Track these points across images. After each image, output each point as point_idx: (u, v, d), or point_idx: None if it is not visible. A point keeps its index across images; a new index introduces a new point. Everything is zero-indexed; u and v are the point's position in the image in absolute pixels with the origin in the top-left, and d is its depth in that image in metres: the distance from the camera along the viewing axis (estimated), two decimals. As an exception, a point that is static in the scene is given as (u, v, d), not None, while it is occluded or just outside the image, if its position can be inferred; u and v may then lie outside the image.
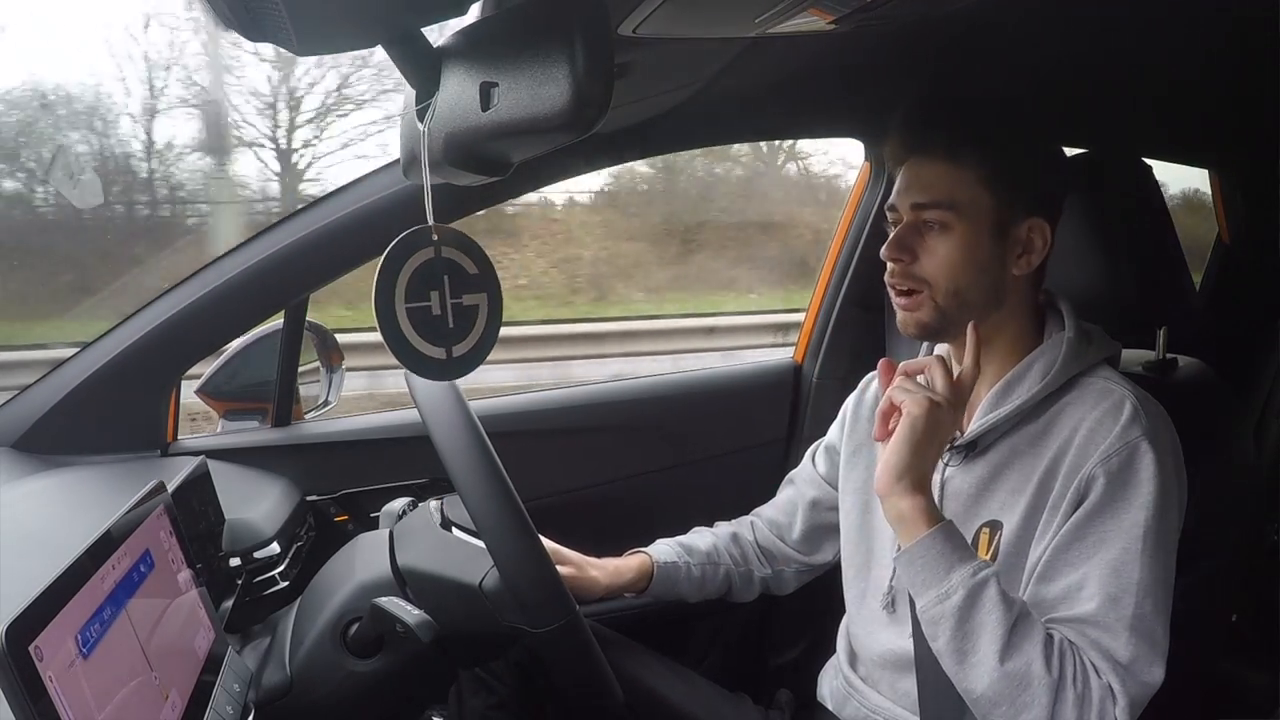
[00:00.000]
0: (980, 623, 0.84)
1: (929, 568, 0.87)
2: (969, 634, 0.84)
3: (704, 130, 1.36)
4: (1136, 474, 0.88)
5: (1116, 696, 0.84)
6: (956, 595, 0.85)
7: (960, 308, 0.96)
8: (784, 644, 1.61)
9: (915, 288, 0.97)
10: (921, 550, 0.87)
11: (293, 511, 1.26)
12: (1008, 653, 0.83)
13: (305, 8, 0.51)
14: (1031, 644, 0.84)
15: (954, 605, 0.85)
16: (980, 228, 0.95)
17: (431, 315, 0.67)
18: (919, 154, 0.98)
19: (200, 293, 1.27)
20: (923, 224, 0.96)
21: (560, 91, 0.51)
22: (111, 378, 1.26)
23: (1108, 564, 0.87)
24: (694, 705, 1.17)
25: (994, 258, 0.96)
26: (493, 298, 0.71)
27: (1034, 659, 0.83)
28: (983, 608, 0.84)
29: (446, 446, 0.92)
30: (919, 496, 0.88)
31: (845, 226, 1.68)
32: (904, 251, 0.96)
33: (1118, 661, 0.85)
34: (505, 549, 0.90)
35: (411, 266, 0.66)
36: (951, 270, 0.95)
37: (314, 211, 1.29)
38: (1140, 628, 0.86)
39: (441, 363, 0.68)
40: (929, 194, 0.95)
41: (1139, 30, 1.05)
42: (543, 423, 1.54)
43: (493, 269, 0.71)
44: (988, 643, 0.84)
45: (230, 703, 0.82)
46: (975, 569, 0.86)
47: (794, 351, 1.76)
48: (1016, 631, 0.84)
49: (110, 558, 0.70)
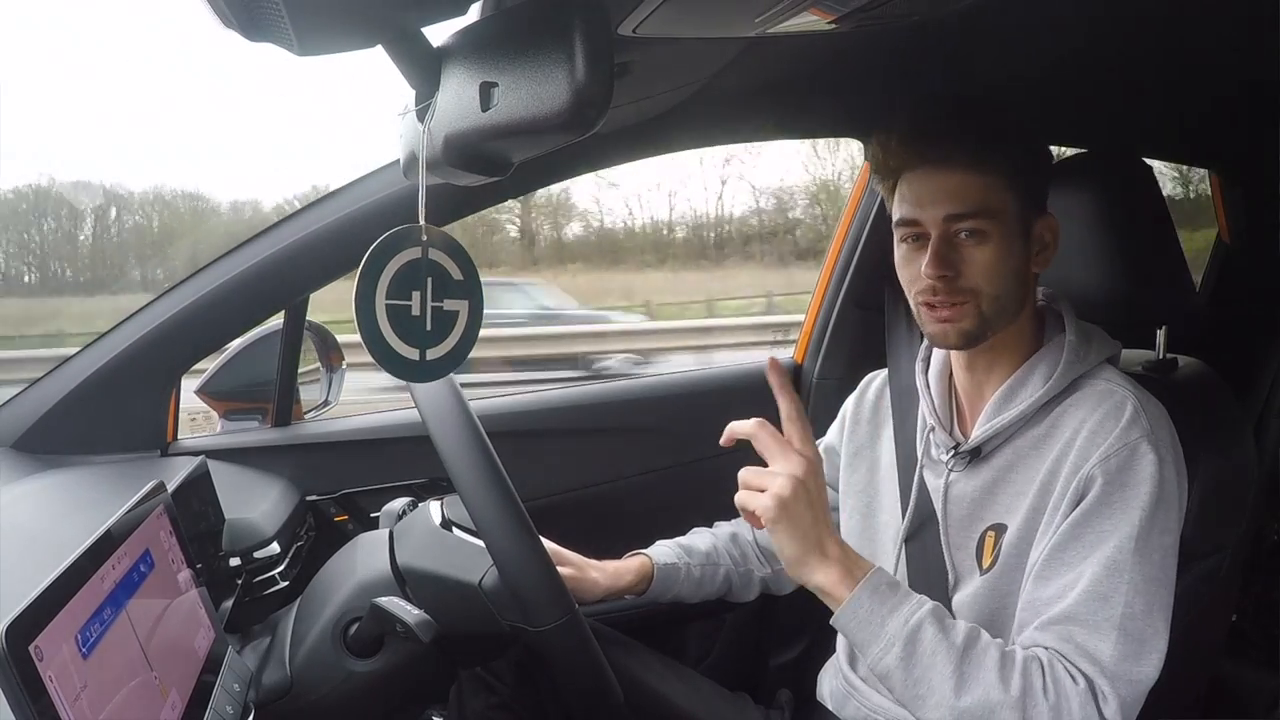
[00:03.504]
0: (926, 665, 0.84)
1: (862, 628, 0.86)
2: (919, 680, 0.84)
3: (704, 130, 1.36)
4: (1136, 474, 0.88)
5: (1106, 697, 0.84)
6: (895, 648, 0.84)
7: (999, 314, 0.95)
8: (784, 644, 1.61)
9: (961, 300, 0.94)
10: (850, 614, 0.86)
11: (292, 511, 1.26)
12: (961, 689, 0.83)
13: (305, 8, 0.51)
14: (985, 671, 0.83)
15: (895, 657, 0.84)
16: (1012, 231, 0.94)
17: (410, 315, 0.67)
18: (936, 164, 0.94)
19: (200, 293, 1.27)
20: (954, 234, 0.93)
21: (560, 91, 0.51)
22: (111, 378, 1.26)
23: (1101, 563, 0.86)
24: (694, 705, 1.17)
25: (1023, 259, 0.96)
26: (474, 307, 0.70)
27: (990, 686, 0.83)
28: (924, 652, 0.84)
29: (446, 446, 0.92)
30: (827, 567, 0.87)
31: (845, 227, 1.68)
32: (948, 267, 0.93)
33: (1102, 662, 0.84)
34: (505, 548, 0.90)
35: (397, 264, 0.66)
36: (995, 278, 0.93)
37: (314, 211, 1.29)
38: (1129, 627, 0.85)
39: (414, 363, 0.67)
40: (962, 204, 0.92)
41: (1139, 30, 1.05)
42: (543, 423, 1.54)
43: (477, 278, 0.71)
44: (939, 682, 0.83)
45: (230, 703, 0.82)
46: (906, 617, 0.85)
47: (794, 351, 1.76)
48: (966, 663, 0.84)
49: (110, 558, 0.70)
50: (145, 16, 45.21)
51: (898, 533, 1.06)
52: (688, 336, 9.09)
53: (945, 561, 1.00)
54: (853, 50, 1.08)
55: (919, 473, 1.05)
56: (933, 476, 1.04)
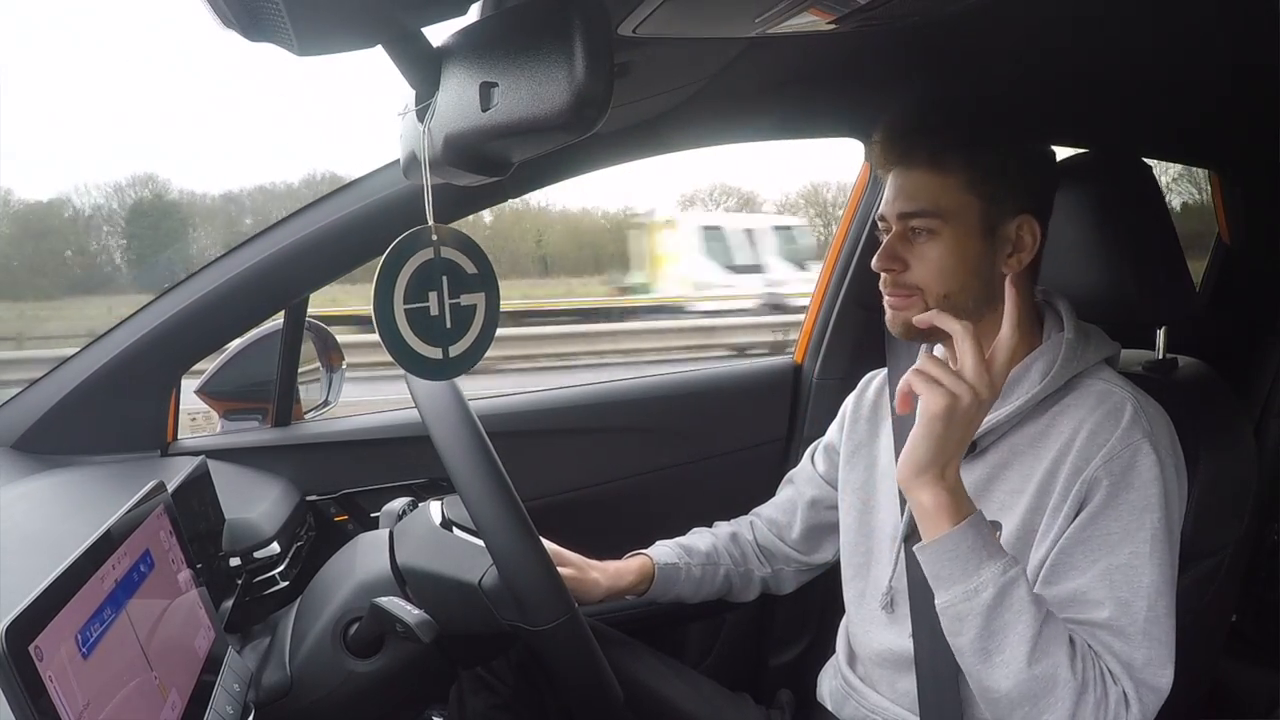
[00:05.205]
0: (1008, 622, 0.83)
1: (955, 563, 0.84)
2: (996, 633, 0.83)
3: (704, 130, 1.36)
4: (1139, 476, 0.88)
5: (1130, 704, 0.84)
6: (986, 593, 0.83)
7: (951, 310, 0.96)
8: (784, 644, 1.61)
9: (908, 294, 0.98)
10: (948, 546, 0.85)
11: (292, 511, 1.26)
12: (1036, 655, 0.82)
13: (304, 8, 0.51)
14: (1058, 646, 0.83)
15: (983, 603, 0.83)
16: (968, 230, 0.95)
17: (429, 316, 0.67)
18: (900, 164, 0.98)
19: (200, 293, 1.27)
20: (910, 231, 0.97)
21: (560, 91, 0.51)
22: (111, 378, 1.26)
23: (1116, 568, 0.87)
24: (694, 705, 1.17)
25: (984, 258, 0.96)
26: (490, 298, 0.71)
27: (1060, 662, 0.82)
28: (1011, 608, 0.83)
29: (446, 446, 0.92)
30: (940, 490, 0.85)
31: (845, 227, 1.68)
32: (894, 261, 0.98)
33: (1133, 667, 0.85)
34: (504, 548, 0.90)
35: (411, 268, 0.66)
36: (942, 275, 0.96)
37: (314, 211, 1.29)
38: (1153, 631, 0.86)
39: (438, 363, 0.68)
40: (914, 203, 0.96)
41: (1139, 30, 1.05)
42: (543, 423, 1.54)
43: (491, 269, 0.71)
44: (1016, 643, 0.82)
45: (230, 703, 0.82)
46: (1005, 566, 0.84)
47: (794, 351, 1.76)
48: (1044, 633, 0.83)
49: (110, 558, 0.70)
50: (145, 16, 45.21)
51: (895, 531, 1.06)
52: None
53: None
54: (853, 50, 1.08)
55: None
56: None
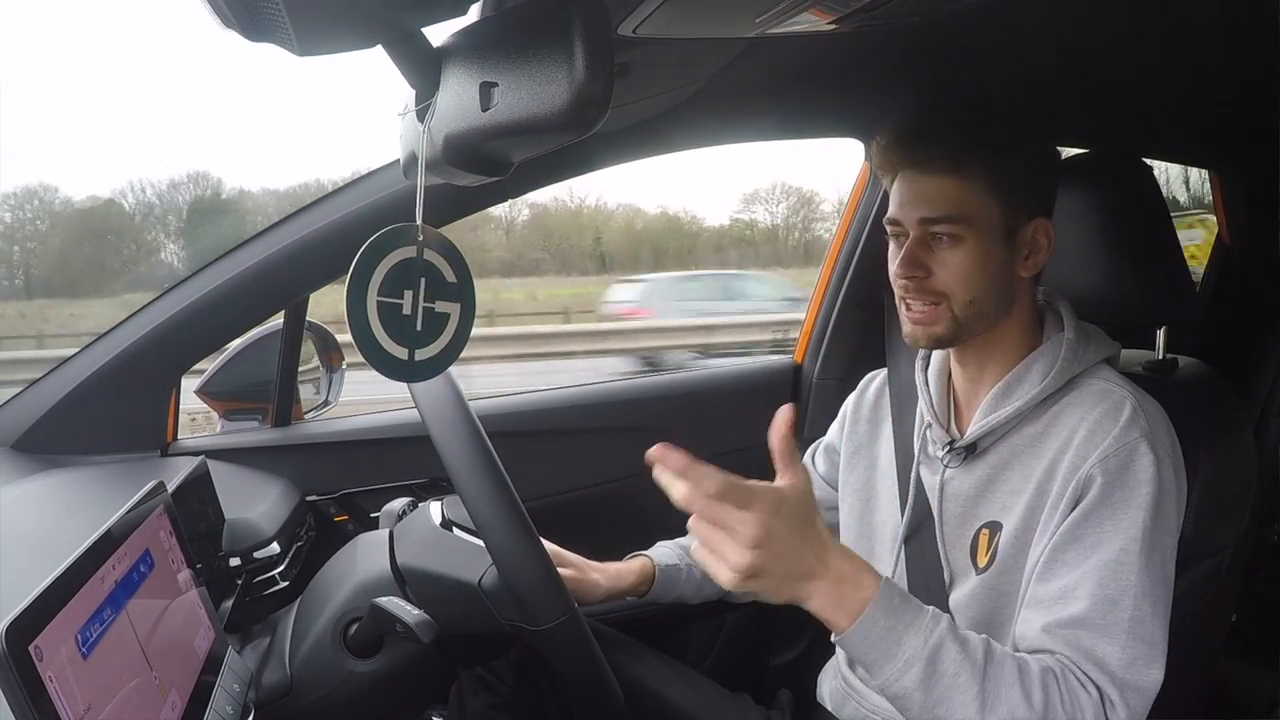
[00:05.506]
0: (948, 687, 0.78)
1: (874, 648, 0.78)
2: (940, 700, 0.79)
3: (704, 130, 1.36)
4: (1135, 475, 0.88)
5: (1115, 706, 0.83)
6: (915, 669, 0.78)
7: (976, 316, 0.96)
8: (784, 644, 1.61)
9: (933, 301, 0.96)
10: (860, 635, 0.78)
11: (292, 511, 1.26)
12: (988, 707, 0.78)
13: (304, 7, 0.51)
14: (1009, 688, 0.79)
15: (915, 679, 0.78)
16: (991, 236, 0.94)
17: (401, 314, 0.67)
18: (919, 168, 0.96)
19: (200, 293, 1.27)
20: (931, 237, 0.95)
21: (560, 91, 0.51)
22: (111, 378, 1.26)
23: (1105, 565, 0.86)
24: (694, 705, 1.17)
25: (1004, 263, 0.96)
26: (465, 310, 0.70)
27: (1015, 703, 0.79)
28: (946, 672, 0.78)
29: (446, 446, 0.92)
30: (821, 586, 0.77)
31: (845, 227, 1.68)
32: (918, 268, 0.95)
33: (1112, 670, 0.83)
34: (504, 548, 0.90)
35: (391, 261, 0.66)
36: (967, 281, 0.94)
37: (314, 211, 1.29)
38: (1138, 630, 0.85)
39: (402, 363, 0.67)
40: (937, 208, 0.94)
41: (1139, 30, 1.05)
42: (543, 423, 1.54)
43: (471, 281, 0.71)
44: (963, 704, 0.78)
45: (230, 703, 0.82)
46: (925, 635, 0.79)
47: (794, 352, 1.76)
48: (988, 681, 0.79)
49: (110, 558, 0.70)
50: (145, 16, 45.18)
51: (896, 531, 1.06)
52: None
53: (941, 560, 1.00)
54: (853, 51, 1.07)
55: (916, 470, 1.06)
56: (929, 473, 1.04)
